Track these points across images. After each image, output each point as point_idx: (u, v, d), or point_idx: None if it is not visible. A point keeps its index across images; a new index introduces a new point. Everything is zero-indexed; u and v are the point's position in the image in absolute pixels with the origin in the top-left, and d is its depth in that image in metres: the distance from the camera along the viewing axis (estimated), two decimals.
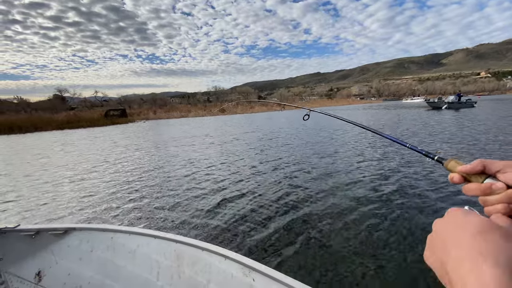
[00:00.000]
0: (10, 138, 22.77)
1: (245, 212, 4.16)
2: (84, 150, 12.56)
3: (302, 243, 3.19)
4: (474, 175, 0.46)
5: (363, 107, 49.40)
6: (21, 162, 10.29)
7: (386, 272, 2.60)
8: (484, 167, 0.45)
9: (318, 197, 4.64)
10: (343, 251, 2.97)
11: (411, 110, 30.39)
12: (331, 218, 3.81)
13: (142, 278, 1.59)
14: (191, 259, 1.48)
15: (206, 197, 4.97)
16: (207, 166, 7.59)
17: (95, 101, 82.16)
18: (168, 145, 12.75)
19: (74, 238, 1.81)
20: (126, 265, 1.65)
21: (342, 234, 3.35)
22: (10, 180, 7.29)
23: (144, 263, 1.61)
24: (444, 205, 4.00)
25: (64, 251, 1.81)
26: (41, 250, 1.83)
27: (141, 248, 1.64)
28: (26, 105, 62.23)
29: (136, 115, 49.16)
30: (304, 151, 9.10)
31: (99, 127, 32.49)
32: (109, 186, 6.16)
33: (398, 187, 4.92)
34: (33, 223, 4.07)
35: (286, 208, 4.23)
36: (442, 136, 10.46)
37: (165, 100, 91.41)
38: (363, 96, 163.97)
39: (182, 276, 1.48)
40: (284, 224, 3.70)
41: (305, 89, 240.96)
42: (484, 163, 0.45)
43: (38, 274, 1.80)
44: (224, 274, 1.35)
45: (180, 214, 4.25)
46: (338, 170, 6.30)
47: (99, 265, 1.72)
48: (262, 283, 1.21)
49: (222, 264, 1.37)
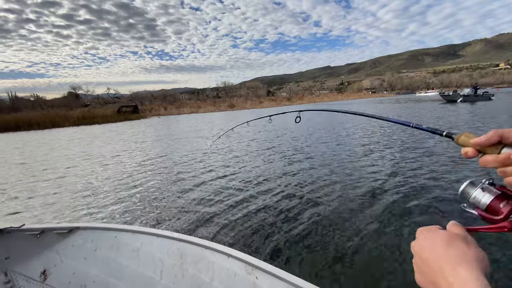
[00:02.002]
0: (37, 134, 23.72)
1: (250, 209, 4.18)
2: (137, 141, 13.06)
3: (308, 241, 3.16)
4: (490, 146, 0.44)
5: (371, 101, 48.42)
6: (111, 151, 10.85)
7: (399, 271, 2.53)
8: (500, 137, 0.43)
9: (326, 193, 4.64)
10: (359, 250, 2.90)
11: (424, 104, 29.63)
12: (340, 216, 3.80)
13: (146, 277, 1.60)
14: (194, 258, 1.50)
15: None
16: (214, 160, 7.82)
17: (107, 98, 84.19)
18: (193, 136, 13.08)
19: (78, 238, 1.83)
20: (130, 264, 1.67)
21: (352, 231, 3.38)
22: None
23: (148, 261, 1.63)
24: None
25: (69, 250, 1.84)
26: (46, 249, 1.87)
27: (144, 247, 1.66)
28: (42, 102, 64.32)
29: (147, 111, 50.14)
30: (307, 145, 9.18)
31: (113, 123, 33.40)
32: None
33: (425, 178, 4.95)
34: (38, 223, 4.20)
35: (293, 206, 4.22)
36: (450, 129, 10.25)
37: (175, 96, 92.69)
38: (375, 90, 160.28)
39: (185, 275, 1.50)
40: (290, 222, 3.67)
41: (315, 84, 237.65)
42: (500, 132, 0.43)
43: (44, 273, 1.83)
44: (228, 272, 1.36)
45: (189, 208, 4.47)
46: (345, 167, 6.38)
47: (103, 264, 1.75)
48: (266, 281, 1.22)
49: (225, 262, 1.38)
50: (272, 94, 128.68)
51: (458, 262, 0.36)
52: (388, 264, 2.63)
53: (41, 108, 53.24)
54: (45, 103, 64.17)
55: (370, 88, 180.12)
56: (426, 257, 0.40)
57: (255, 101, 57.26)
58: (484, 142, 0.45)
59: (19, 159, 10.54)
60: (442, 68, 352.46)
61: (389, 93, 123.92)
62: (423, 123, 0.59)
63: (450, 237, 0.40)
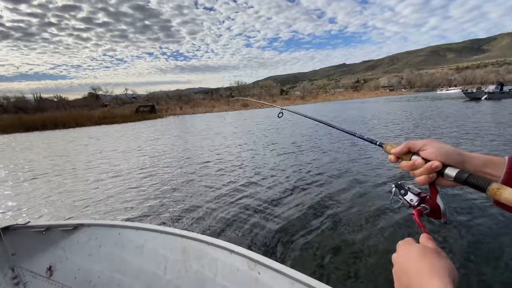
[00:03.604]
0: (69, 132, 24.83)
1: (253, 206, 4.25)
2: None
3: (311, 236, 3.20)
4: (404, 155, 0.56)
5: (384, 100, 47.03)
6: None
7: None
8: (409, 148, 0.55)
9: (329, 189, 4.71)
10: (357, 248, 2.93)
11: (444, 102, 28.45)
12: (350, 212, 3.80)
13: (150, 273, 1.63)
14: (197, 254, 1.52)
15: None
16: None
17: (125, 98, 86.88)
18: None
19: (83, 234, 1.87)
20: (134, 260, 1.71)
21: (355, 227, 3.39)
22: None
23: (152, 258, 1.65)
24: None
25: (74, 247, 1.88)
26: (51, 246, 1.91)
27: (148, 243, 1.69)
28: (65, 103, 67.39)
29: (164, 111, 51.36)
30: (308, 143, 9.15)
31: (131, 122, 34.53)
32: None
33: None
34: (43, 220, 4.39)
35: (296, 202, 4.28)
36: (475, 130, 9.87)
37: (189, 96, 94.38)
38: (393, 88, 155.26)
39: (189, 270, 1.53)
40: (292, 217, 3.72)
41: (330, 82, 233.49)
42: (409, 144, 0.55)
43: (49, 269, 1.87)
44: (230, 268, 1.38)
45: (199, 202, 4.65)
46: (344, 164, 6.35)
47: (107, 260, 1.78)
48: (268, 277, 1.24)
49: (227, 258, 1.40)
50: (285, 93, 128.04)
51: (430, 273, 0.40)
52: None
53: (64, 108, 55.76)
54: (68, 103, 67.10)
55: (388, 85, 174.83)
56: (404, 267, 0.45)
57: (268, 100, 57.32)
58: (398, 152, 0.56)
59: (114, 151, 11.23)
60: (465, 64, 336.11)
61: (407, 91, 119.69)
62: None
63: (424, 250, 0.45)
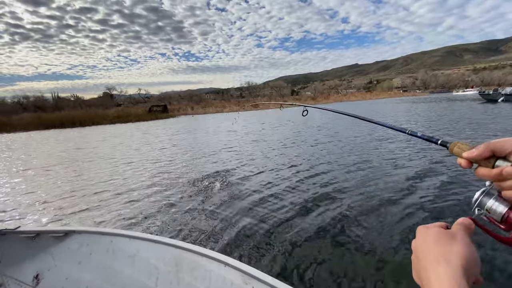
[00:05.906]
0: (92, 130, 25.60)
1: (250, 216, 3.99)
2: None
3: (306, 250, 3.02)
4: (484, 160, 0.42)
5: (395, 101, 46.07)
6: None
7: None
8: (492, 151, 0.41)
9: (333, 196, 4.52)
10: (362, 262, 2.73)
11: (460, 103, 27.72)
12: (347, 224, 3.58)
13: (141, 283, 1.57)
14: (190, 265, 1.47)
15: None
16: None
17: (138, 98, 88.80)
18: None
19: (74, 241, 1.80)
20: (124, 269, 1.65)
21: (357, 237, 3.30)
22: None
23: (143, 268, 1.60)
24: None
25: (64, 254, 1.80)
26: (40, 253, 1.82)
27: (140, 253, 1.63)
28: (82, 102, 69.57)
29: (175, 110, 52.31)
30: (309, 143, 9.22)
31: (145, 121, 35.42)
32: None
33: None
34: (34, 225, 4.20)
35: (295, 212, 4.03)
36: (487, 131, 9.70)
37: (201, 96, 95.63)
38: (407, 89, 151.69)
39: (181, 283, 1.48)
40: (289, 230, 3.49)
41: (341, 82, 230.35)
42: (492, 146, 0.41)
43: (36, 277, 1.78)
44: (224, 281, 1.34)
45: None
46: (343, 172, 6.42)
47: (97, 269, 1.71)
48: None
49: (221, 271, 1.36)
50: (296, 94, 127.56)
51: (438, 260, 0.36)
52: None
53: (81, 107, 57.50)
54: (84, 102, 69.14)
55: (401, 86, 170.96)
56: (418, 254, 0.41)
57: (279, 100, 57.37)
58: (475, 157, 0.43)
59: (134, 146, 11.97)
60: (482, 65, 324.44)
61: (422, 92, 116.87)
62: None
63: (437, 235, 0.40)
